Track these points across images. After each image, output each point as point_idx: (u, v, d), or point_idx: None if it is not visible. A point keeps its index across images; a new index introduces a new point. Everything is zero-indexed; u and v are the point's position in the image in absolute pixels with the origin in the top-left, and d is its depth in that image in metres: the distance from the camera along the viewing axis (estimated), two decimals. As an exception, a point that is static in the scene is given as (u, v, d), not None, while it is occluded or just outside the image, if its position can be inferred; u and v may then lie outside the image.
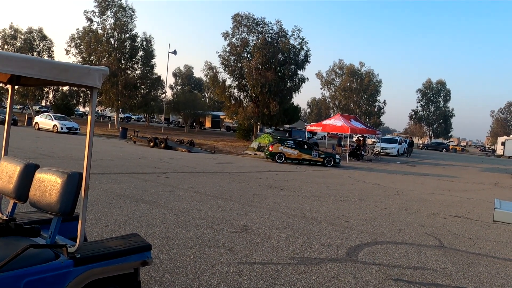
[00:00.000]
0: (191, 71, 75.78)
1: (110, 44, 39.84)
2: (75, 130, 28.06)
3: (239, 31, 33.17)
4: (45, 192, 2.40)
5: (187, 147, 22.14)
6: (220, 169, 14.02)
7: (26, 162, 2.69)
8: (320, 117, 74.28)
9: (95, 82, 2.36)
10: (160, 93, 46.94)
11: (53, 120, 28.40)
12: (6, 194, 2.71)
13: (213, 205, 7.49)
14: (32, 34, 48.02)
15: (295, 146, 19.47)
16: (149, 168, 12.34)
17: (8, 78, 2.90)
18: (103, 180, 8.98)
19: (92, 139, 2.39)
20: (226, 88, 33.63)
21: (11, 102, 3.18)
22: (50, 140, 19.99)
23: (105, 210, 6.24)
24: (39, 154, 13.01)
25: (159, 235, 5.19)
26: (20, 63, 2.06)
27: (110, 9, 39.57)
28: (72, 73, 2.27)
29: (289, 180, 12.55)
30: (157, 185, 9.16)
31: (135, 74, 42.31)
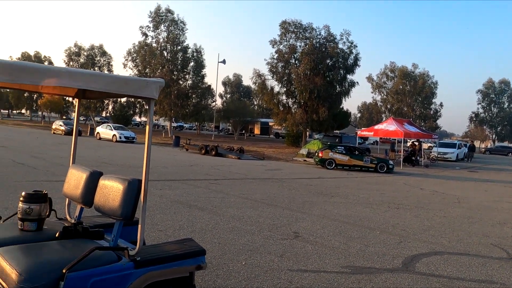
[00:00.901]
0: (240, 80, 77.18)
1: (163, 57, 41.75)
2: (132, 139, 29.58)
3: (287, 37, 33.27)
4: (108, 198, 2.56)
5: (237, 154, 22.49)
6: (269, 176, 14.07)
7: (91, 170, 2.89)
8: (371, 122, 72.08)
9: (152, 94, 2.49)
10: (210, 101, 48.21)
11: (112, 130, 30.19)
12: (74, 199, 2.92)
13: (264, 212, 7.52)
14: (94, 51, 51.63)
15: (345, 152, 19.05)
16: (201, 175, 12.68)
17: (75, 93, 3.15)
18: (159, 187, 9.37)
19: (150, 147, 2.52)
20: (275, 95, 33.79)
21: (77, 115, 3.45)
22: (110, 149, 21.26)
23: (160, 216, 6.50)
24: (101, 162, 13.87)
25: (212, 241, 5.31)
26: (87, 78, 2.23)
27: (163, 23, 41.51)
28: (132, 85, 2.42)
29: (340, 187, 12.29)
30: (209, 192, 9.39)
31: (187, 84, 43.87)
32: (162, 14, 41.17)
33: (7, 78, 1.95)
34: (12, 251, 2.20)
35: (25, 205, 2.61)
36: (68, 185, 3.01)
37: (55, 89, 3.03)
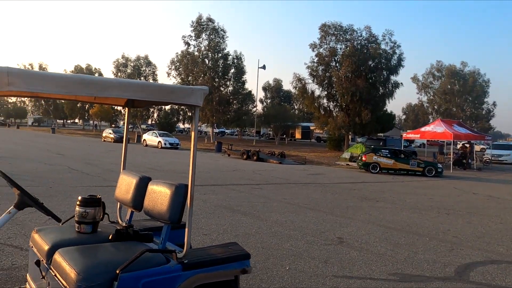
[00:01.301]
0: (280, 84, 77.20)
1: (205, 64, 42.78)
2: (176, 145, 30.48)
3: (327, 40, 32.89)
4: (157, 202, 2.66)
5: (278, 159, 22.48)
6: (312, 180, 13.93)
7: (140, 176, 3.02)
8: (417, 124, 69.26)
9: (197, 101, 2.57)
10: (251, 107, 48.66)
11: (158, 137, 31.30)
12: (125, 204, 3.07)
13: (307, 217, 7.46)
14: (140, 61, 53.92)
15: (390, 155, 18.44)
16: (243, 180, 12.80)
17: (125, 102, 3.32)
18: (203, 192, 9.57)
19: (196, 153, 2.59)
20: (315, 98, 33.46)
21: (127, 123, 3.62)
22: (156, 155, 22.04)
23: (205, 220, 6.64)
24: (148, 168, 14.42)
25: (255, 245, 5.34)
26: (136, 88, 2.35)
27: (205, 32, 42.59)
28: (178, 93, 2.51)
29: (385, 191, 11.91)
30: (251, 196, 9.46)
31: (228, 90, 44.61)
32: (203, 23, 42.27)
33: (64, 90, 2.09)
34: (71, 252, 2.35)
35: (82, 209, 2.77)
36: (119, 190, 3.16)
37: (106, 100, 3.20)
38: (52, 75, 2.07)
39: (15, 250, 4.43)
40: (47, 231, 2.77)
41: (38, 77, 2.02)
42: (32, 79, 1.99)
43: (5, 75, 1.89)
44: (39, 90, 2.02)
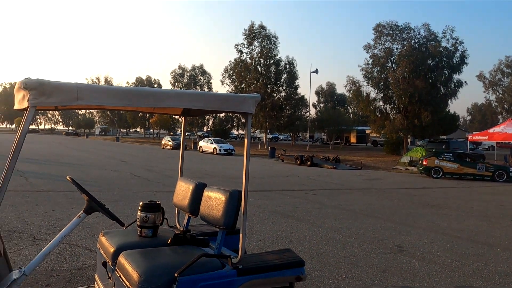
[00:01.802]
0: (333, 88, 75.99)
1: (257, 71, 43.32)
2: (231, 151, 31.09)
3: (382, 41, 31.85)
4: (212, 208, 2.74)
5: (333, 164, 22.06)
6: (368, 186, 13.47)
7: (196, 182, 3.13)
8: (484, 125, 64.36)
9: (249, 109, 2.62)
10: (304, 112, 48.35)
11: (213, 143, 32.17)
12: (182, 209, 3.19)
13: (363, 223, 7.22)
14: (195, 71, 55.94)
15: (454, 159, 17.31)
16: (297, 185, 12.72)
17: (182, 111, 3.46)
18: (257, 197, 9.65)
19: (249, 159, 2.63)
20: (371, 101, 32.46)
21: (184, 131, 3.77)
22: (211, 161, 22.65)
23: (259, 225, 6.69)
24: (204, 174, 14.86)
25: (310, 252, 5.27)
26: (192, 98, 2.45)
27: (257, 39, 43.18)
28: (231, 102, 2.57)
29: (449, 198, 11.18)
30: (305, 202, 9.36)
31: (280, 96, 44.73)
32: (255, 31, 42.91)
33: (127, 102, 2.24)
34: (133, 254, 2.49)
35: (143, 214, 2.93)
36: (177, 195, 3.29)
37: (165, 109, 3.37)
38: (115, 89, 2.23)
39: (85, 251, 4.78)
40: (112, 234, 2.96)
41: (103, 91, 2.18)
42: (98, 93, 2.15)
43: (75, 91, 2.07)
44: (104, 103, 2.17)
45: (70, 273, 4.04)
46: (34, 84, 1.97)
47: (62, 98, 2.04)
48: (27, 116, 2.05)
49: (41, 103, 1.99)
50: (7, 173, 1.99)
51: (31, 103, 1.98)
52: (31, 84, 1.96)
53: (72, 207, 7.33)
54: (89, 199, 2.50)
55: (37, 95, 1.97)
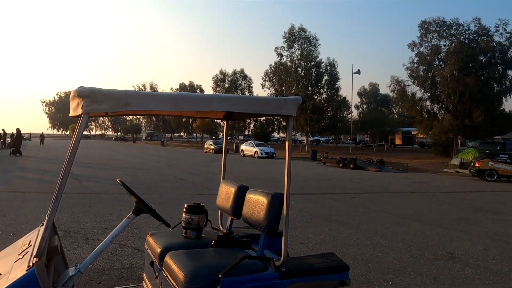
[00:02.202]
0: (376, 88, 73.86)
1: (297, 74, 43.10)
2: (272, 154, 31.14)
3: (428, 38, 30.56)
4: (254, 211, 2.75)
5: (377, 167, 21.43)
6: (415, 189, 12.94)
7: (239, 185, 3.16)
8: (545, 124, 59.67)
9: (291, 111, 2.61)
10: (346, 113, 47.38)
11: (254, 147, 32.38)
12: (225, 211, 3.24)
13: (410, 228, 6.94)
14: (236, 75, 56.68)
15: (511, 161, 16.20)
16: (339, 189, 12.49)
17: (224, 115, 3.52)
18: (299, 200, 9.58)
19: (290, 163, 2.62)
20: (417, 101, 31.21)
21: (225, 135, 3.84)
22: (253, 165, 22.80)
23: (302, 229, 6.63)
24: (246, 177, 14.99)
25: (354, 257, 5.14)
26: (233, 102, 2.49)
27: (297, 42, 42.99)
28: (272, 105, 2.58)
29: (505, 202, 10.48)
30: (348, 206, 9.17)
31: (321, 98, 44.18)
32: (295, 34, 42.75)
33: (172, 107, 2.32)
34: (179, 255, 2.56)
35: (187, 216, 3.01)
36: (220, 198, 3.35)
37: (208, 113, 3.44)
38: (161, 95, 2.32)
39: (134, 251, 4.98)
40: (159, 235, 3.07)
41: (150, 97, 2.27)
42: (145, 99, 2.25)
43: (124, 97, 2.18)
44: (151, 108, 2.27)
45: (120, 271, 4.23)
46: (87, 92, 2.09)
47: (112, 104, 2.15)
48: (81, 122, 2.19)
49: (94, 110, 2.12)
50: (64, 177, 2.13)
51: (84, 110, 2.10)
52: (85, 92, 2.09)
53: (121, 209, 7.68)
54: (137, 201, 2.61)
55: (90, 102, 2.10)
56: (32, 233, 2.57)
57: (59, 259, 2.69)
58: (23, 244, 2.40)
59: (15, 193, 9.52)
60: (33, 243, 2.23)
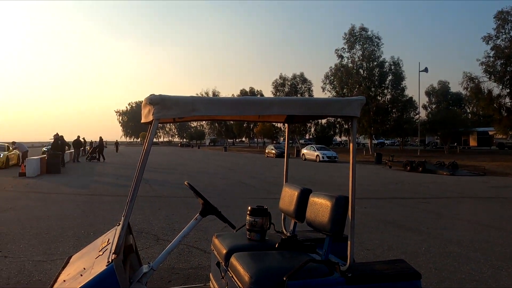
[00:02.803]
0: (446, 87, 69.09)
1: (359, 75, 41.92)
2: (334, 158, 30.50)
3: (506, 29, 28.01)
4: (318, 214, 2.72)
5: (449, 170, 20.02)
6: (494, 194, 11.87)
7: (302, 188, 3.14)
8: None
9: (354, 112, 2.54)
10: (413, 114, 44.97)
11: (315, 151, 31.98)
12: (288, 215, 3.23)
13: (490, 236, 6.36)
14: (296, 79, 56.56)
15: None
16: (407, 193, 11.86)
17: (285, 118, 3.53)
18: (363, 205, 9.27)
19: (355, 164, 2.55)
20: (494, 98, 28.72)
21: (287, 138, 3.84)
22: (315, 169, 22.52)
23: (367, 234, 6.39)
24: (307, 181, 14.84)
25: (426, 265, 4.84)
26: (295, 105, 2.48)
27: (358, 42, 41.85)
28: (335, 106, 2.54)
29: None
30: (418, 211, 8.66)
31: (385, 99, 42.46)
32: (356, 34, 41.67)
33: (235, 111, 2.38)
34: (244, 257, 2.61)
35: (251, 218, 3.05)
36: (283, 201, 3.36)
37: (269, 117, 3.48)
38: (225, 100, 2.39)
39: (200, 252, 5.16)
40: (224, 237, 3.15)
41: (215, 102, 2.36)
42: (210, 104, 2.33)
43: (191, 103, 2.28)
44: (215, 113, 2.35)
45: (188, 271, 4.41)
46: (157, 99, 2.23)
47: (180, 110, 2.26)
48: (152, 128, 2.33)
49: (163, 116, 2.24)
50: (137, 180, 2.28)
51: (155, 116, 2.24)
52: (155, 100, 2.23)
53: (188, 212, 8.01)
54: (204, 203, 2.71)
55: (160, 108, 2.23)
56: (110, 232, 2.78)
57: (134, 257, 2.88)
58: (102, 242, 2.60)
59: (94, 196, 10.38)
60: (111, 241, 2.41)
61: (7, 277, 4.14)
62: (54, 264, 4.58)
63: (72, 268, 2.43)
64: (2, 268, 4.45)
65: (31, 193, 10.90)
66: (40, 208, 8.35)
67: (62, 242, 5.62)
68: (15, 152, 22.06)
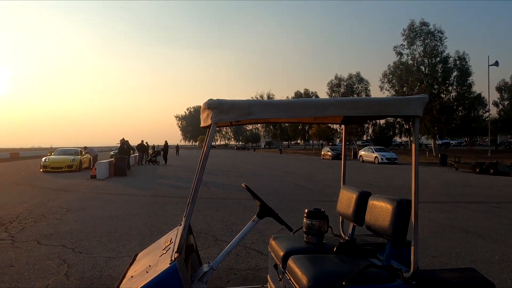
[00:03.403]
0: (521, 81, 63.26)
1: (420, 72, 39.85)
2: (394, 160, 29.24)
3: None
4: (378, 218, 2.62)
5: (525, 172, 18.30)
6: None
7: (360, 190, 3.06)
8: None
9: (416, 111, 2.43)
10: (482, 112, 41.72)
11: (374, 152, 30.89)
12: (347, 218, 3.16)
13: None
14: (352, 79, 55.16)
15: None
16: (477, 197, 11.03)
17: (342, 119, 3.46)
18: (426, 209, 8.77)
19: (418, 166, 2.43)
20: None
21: (344, 140, 3.76)
22: (373, 171, 21.75)
23: (432, 240, 6.04)
24: (366, 183, 14.38)
25: (500, 275, 4.46)
26: (352, 105, 2.43)
27: (418, 38, 39.83)
28: (395, 105, 2.44)
29: None
30: (489, 217, 8.02)
31: (450, 96, 39.90)
32: (416, 29, 39.70)
33: (291, 114, 2.38)
34: (302, 259, 2.59)
35: (308, 221, 3.03)
36: (340, 204, 3.29)
37: (325, 119, 3.43)
38: (281, 102, 2.40)
39: (257, 254, 5.21)
40: (281, 239, 3.15)
41: (270, 105, 2.38)
42: (266, 107, 2.36)
43: (247, 107, 2.32)
44: (270, 116, 2.37)
45: (246, 272, 4.47)
46: (215, 103, 2.30)
47: (237, 114, 2.32)
48: (210, 132, 2.41)
49: (221, 120, 2.31)
50: (197, 183, 2.37)
51: (213, 120, 2.31)
52: (213, 104, 2.30)
53: (244, 213, 8.14)
54: (261, 205, 2.73)
55: (218, 113, 2.30)
56: (172, 232, 2.91)
57: (195, 256, 2.98)
58: (165, 241, 2.73)
59: (157, 197, 10.92)
60: (174, 240, 2.52)
61: (82, 271, 4.50)
62: (122, 261, 4.89)
63: (139, 265, 2.58)
64: (78, 263, 4.84)
65: (101, 194, 11.73)
66: (109, 208, 8.97)
67: (129, 240, 5.98)
68: (87, 156, 23.94)
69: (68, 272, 4.47)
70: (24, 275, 4.37)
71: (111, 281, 4.17)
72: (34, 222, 7.38)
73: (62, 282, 4.14)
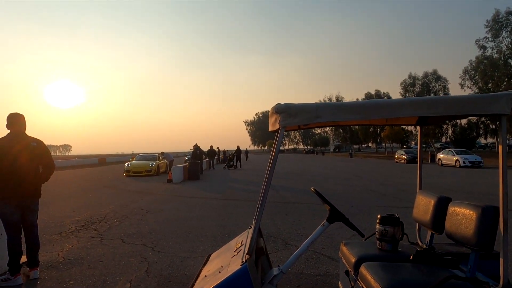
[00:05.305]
0: None
1: (508, 66, 36.11)
2: (478, 163, 26.85)
3: None
4: (460, 225, 2.43)
5: None
6: None
7: (439, 196, 2.86)
8: None
9: (503, 109, 2.21)
10: None
11: (454, 155, 28.65)
12: (424, 225, 2.97)
13: None
14: (428, 78, 51.80)
15: None
16: None
17: (417, 120, 3.27)
18: (519, 218, 7.88)
19: (506, 170, 2.21)
20: None
21: (420, 142, 3.55)
22: (453, 175, 20.15)
23: (526, 253, 5.41)
24: (445, 189, 13.36)
25: None
26: (428, 105, 2.28)
27: (505, 29, 36.23)
28: (478, 103, 2.25)
29: None
30: None
31: (546, 92, 35.53)
32: (502, 20, 36.14)
33: (361, 116, 2.31)
34: (375, 267, 2.49)
35: (381, 227, 2.90)
36: (417, 210, 3.10)
37: (398, 120, 3.27)
38: (350, 104, 2.34)
39: (328, 260, 5.11)
40: (353, 245, 3.06)
41: (339, 107, 2.33)
42: (334, 110, 2.32)
43: (315, 110, 2.31)
44: (339, 119, 2.32)
45: (316, 278, 4.41)
46: (283, 108, 2.32)
47: (304, 117, 2.31)
48: (279, 136, 2.43)
49: (289, 124, 2.32)
50: (266, 186, 2.40)
51: (281, 124, 2.33)
52: (281, 108, 2.32)
53: (313, 218, 8.03)
54: (331, 209, 2.69)
55: (286, 117, 2.31)
56: (243, 234, 2.98)
57: (264, 259, 3.02)
58: (236, 243, 2.81)
59: (228, 200, 11.25)
60: (245, 242, 2.58)
61: (160, 269, 4.80)
62: (196, 261, 5.11)
63: (212, 265, 2.69)
64: (156, 261, 5.17)
65: (177, 197, 12.41)
66: (184, 210, 9.45)
67: (202, 241, 6.24)
68: (163, 161, 25.53)
69: (148, 269, 4.79)
70: (111, 270, 4.78)
71: (186, 279, 4.38)
72: (119, 222, 8.04)
73: (143, 279, 4.45)
